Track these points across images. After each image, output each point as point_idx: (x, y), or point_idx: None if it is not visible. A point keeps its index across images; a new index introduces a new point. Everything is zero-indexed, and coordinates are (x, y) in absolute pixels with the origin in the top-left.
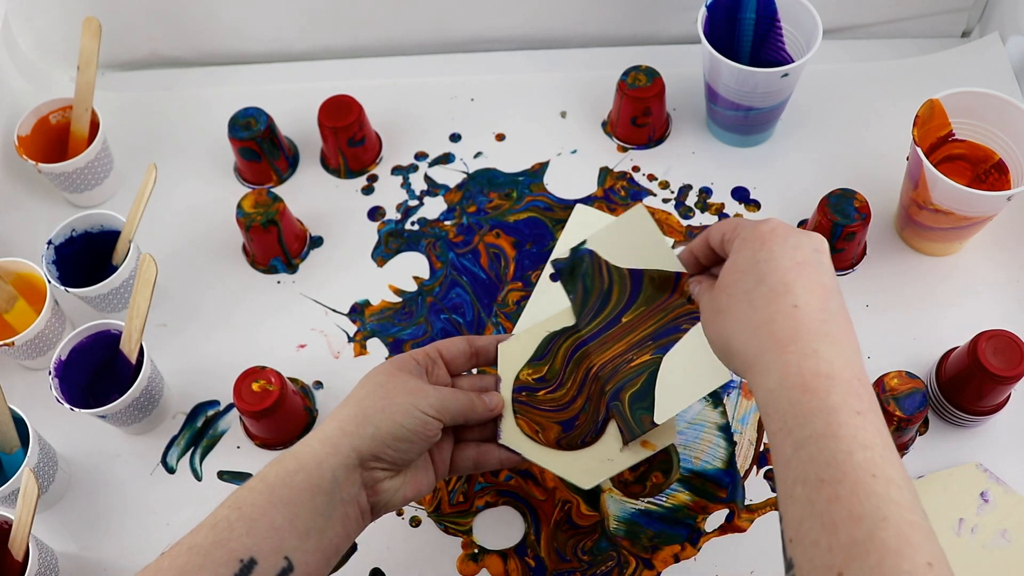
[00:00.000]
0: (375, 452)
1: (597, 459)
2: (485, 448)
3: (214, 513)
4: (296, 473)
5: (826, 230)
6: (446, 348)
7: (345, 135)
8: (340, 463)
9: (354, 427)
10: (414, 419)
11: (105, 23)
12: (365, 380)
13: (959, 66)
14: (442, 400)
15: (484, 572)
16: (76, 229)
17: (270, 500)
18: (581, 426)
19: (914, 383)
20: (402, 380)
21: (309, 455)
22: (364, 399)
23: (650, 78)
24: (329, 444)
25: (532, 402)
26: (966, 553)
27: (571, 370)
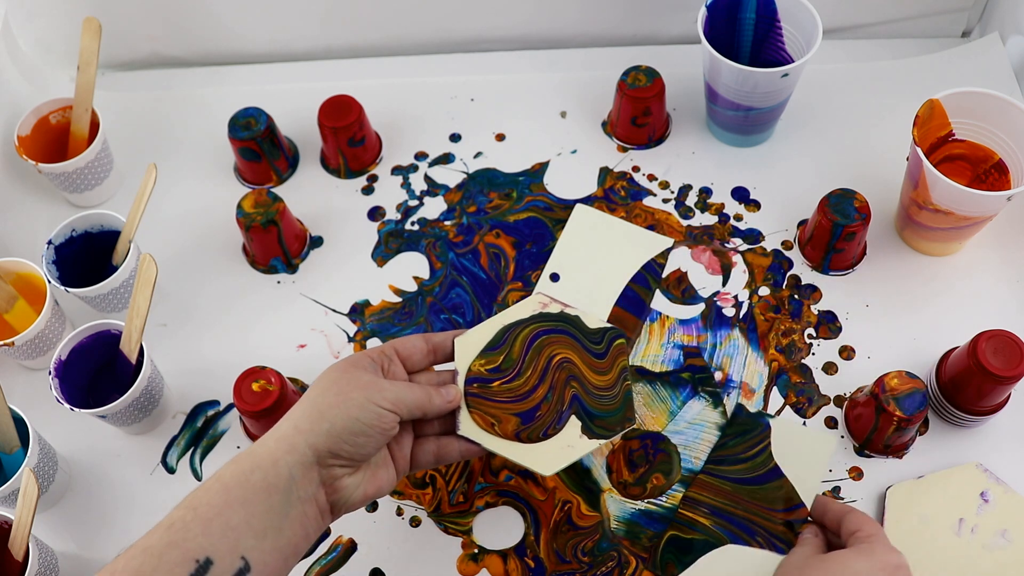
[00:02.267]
0: (332, 448)
1: (557, 446)
2: (445, 441)
3: (170, 514)
4: (252, 472)
5: (826, 230)
6: (402, 345)
7: (345, 135)
8: (296, 461)
9: (309, 424)
10: (369, 413)
11: (105, 23)
12: (319, 378)
13: (959, 66)
14: (397, 394)
15: (484, 572)
16: (76, 229)
17: (226, 500)
18: (543, 417)
19: (914, 383)
20: (356, 376)
21: (265, 454)
22: (318, 396)
23: (650, 78)
24: (285, 442)
25: (486, 394)
26: (966, 553)
27: (531, 358)
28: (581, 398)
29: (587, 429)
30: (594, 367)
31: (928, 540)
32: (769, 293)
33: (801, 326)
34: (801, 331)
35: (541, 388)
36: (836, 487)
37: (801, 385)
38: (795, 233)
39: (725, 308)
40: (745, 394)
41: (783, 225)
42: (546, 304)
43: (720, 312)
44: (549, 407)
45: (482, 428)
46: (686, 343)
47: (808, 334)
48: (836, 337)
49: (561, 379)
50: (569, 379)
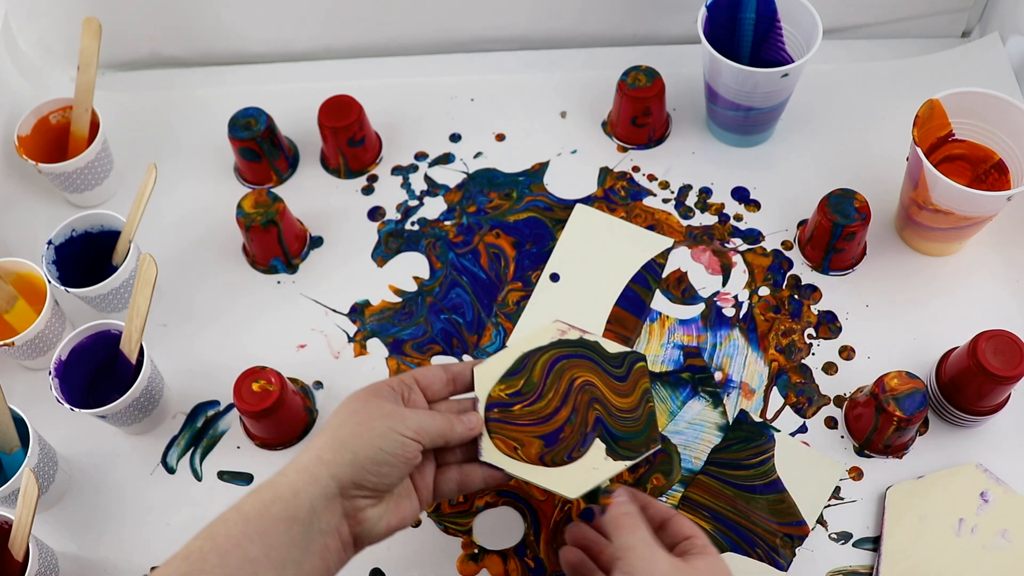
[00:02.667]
0: (355, 479)
1: (582, 468)
2: (467, 469)
3: (188, 544)
4: (272, 503)
5: (826, 230)
6: (422, 375)
7: (345, 135)
8: (318, 492)
9: (331, 454)
10: (392, 442)
11: (105, 23)
12: (339, 409)
13: (959, 66)
14: (420, 422)
15: (484, 572)
16: (76, 229)
17: (244, 531)
18: (566, 439)
19: (914, 383)
20: (377, 405)
21: (285, 485)
22: (340, 426)
23: (650, 78)
24: (306, 473)
25: (507, 418)
26: (966, 553)
27: (552, 381)
28: (604, 420)
29: (612, 451)
30: (616, 390)
31: (928, 540)
32: (769, 293)
33: (801, 326)
34: (801, 331)
35: (564, 410)
36: (836, 487)
37: (801, 385)
38: (795, 233)
39: (725, 308)
40: (745, 394)
41: (783, 225)
42: (564, 331)
43: (720, 312)
44: (572, 429)
45: (505, 453)
46: (686, 343)
47: (808, 334)
48: (836, 337)
49: (584, 401)
50: (592, 401)
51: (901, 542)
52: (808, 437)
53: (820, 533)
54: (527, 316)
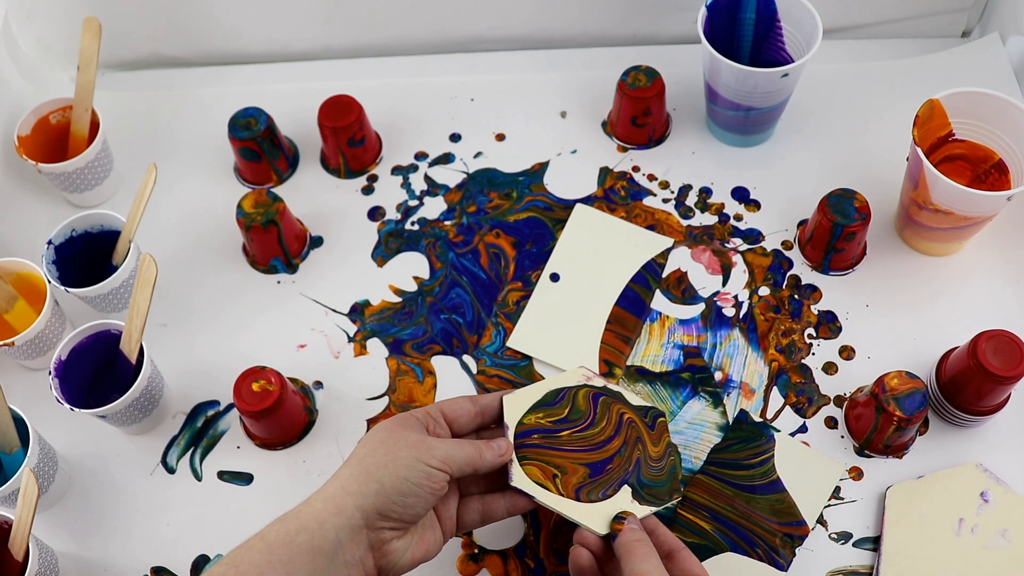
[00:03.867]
0: (381, 509)
1: (610, 508)
2: (489, 499)
3: (210, 571)
4: (297, 533)
5: (826, 230)
6: (449, 407)
7: (345, 135)
8: (344, 523)
9: (357, 485)
10: (419, 472)
11: (105, 23)
12: (366, 439)
13: (959, 66)
14: (447, 451)
15: (484, 572)
16: (76, 229)
17: (268, 560)
18: (612, 472)
19: (914, 383)
20: (403, 435)
21: (311, 515)
22: (366, 457)
23: (650, 78)
24: (332, 504)
25: (552, 444)
26: (966, 553)
27: (602, 411)
28: (641, 463)
29: (638, 495)
30: (650, 436)
31: (928, 540)
32: (769, 293)
33: (801, 326)
34: (801, 331)
35: (616, 440)
36: (837, 487)
37: (801, 385)
38: (795, 233)
39: (725, 308)
40: (745, 394)
41: (783, 225)
42: (590, 378)
43: (720, 312)
44: (620, 463)
45: (538, 481)
46: (686, 343)
47: (808, 334)
48: (836, 337)
49: (632, 437)
50: (636, 441)
51: (901, 542)
52: (808, 437)
53: (820, 533)
54: (527, 316)
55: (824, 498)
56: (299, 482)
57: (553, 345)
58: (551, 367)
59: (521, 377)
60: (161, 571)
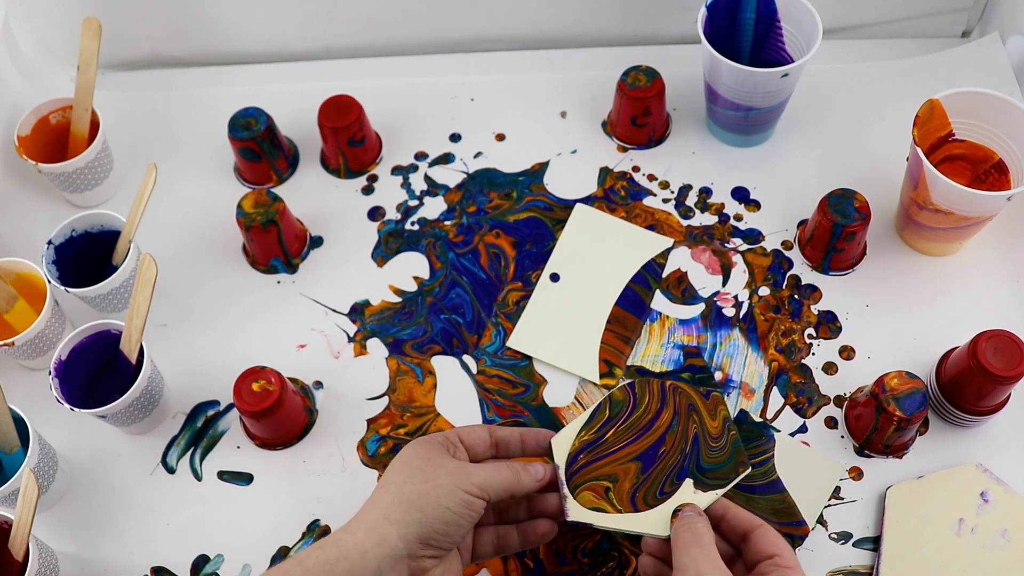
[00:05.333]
0: (423, 539)
1: (672, 508)
2: (504, 531)
3: None
4: (338, 562)
5: (826, 230)
6: (467, 435)
7: (345, 135)
8: (387, 554)
9: (400, 514)
10: (459, 500)
11: (105, 23)
12: (400, 464)
13: (959, 66)
14: (486, 477)
15: (484, 572)
16: (76, 229)
17: None
18: (667, 455)
19: (914, 383)
20: (441, 462)
21: (352, 544)
22: (405, 484)
23: (650, 78)
24: (375, 533)
25: (598, 453)
26: (966, 553)
27: (641, 390)
28: (700, 440)
29: (700, 484)
30: (705, 406)
31: (928, 540)
32: (769, 293)
33: (801, 326)
34: (801, 331)
35: (665, 413)
36: (836, 487)
37: (801, 385)
38: (795, 233)
39: (725, 308)
40: (745, 394)
41: (783, 225)
42: None
43: (720, 312)
44: (674, 441)
45: (592, 505)
46: (686, 343)
47: (808, 334)
48: (836, 337)
49: (683, 406)
50: (690, 411)
51: (901, 542)
52: (808, 437)
53: (820, 533)
54: (527, 316)
55: (824, 498)
56: (299, 482)
57: (553, 345)
58: (551, 367)
59: (521, 377)
60: (161, 571)
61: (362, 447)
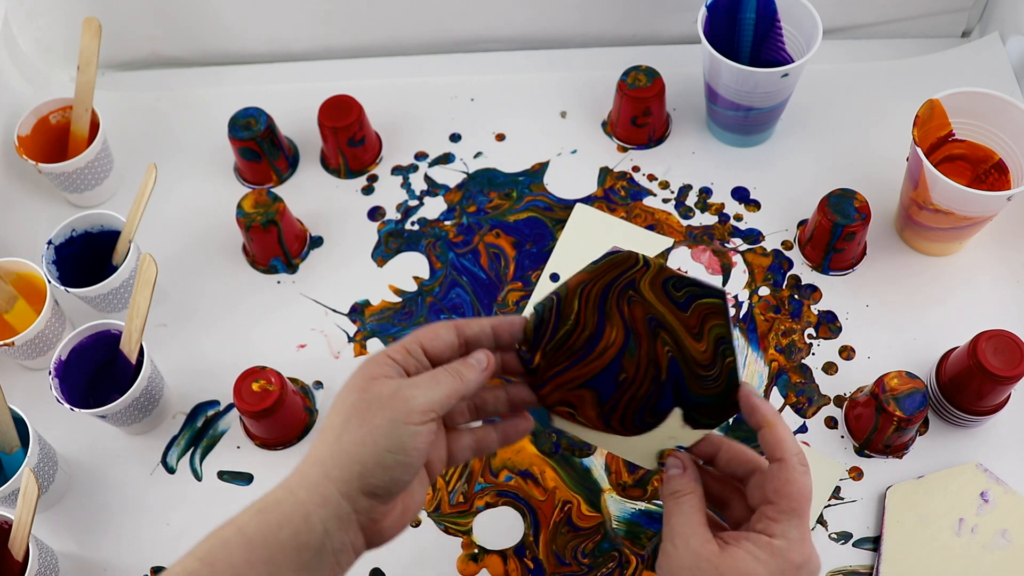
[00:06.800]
0: (367, 490)
1: (659, 439)
2: (482, 432)
3: (182, 562)
4: (280, 528)
5: (826, 230)
6: (430, 341)
7: (345, 135)
8: (331, 514)
9: (338, 470)
10: (400, 439)
11: (105, 23)
12: (339, 403)
13: (959, 66)
14: (427, 398)
15: (484, 572)
16: (76, 229)
17: (248, 558)
18: (633, 383)
19: (914, 383)
20: (376, 394)
21: (294, 507)
22: (342, 432)
23: (650, 78)
24: (317, 494)
25: (541, 380)
26: (966, 553)
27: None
28: (683, 371)
29: (690, 419)
30: (682, 321)
31: (928, 540)
32: (769, 293)
33: (801, 326)
34: (801, 331)
35: (612, 331)
36: (836, 487)
37: (801, 385)
38: (795, 233)
39: None
40: None
41: (783, 225)
42: None
43: None
44: (637, 367)
45: (567, 423)
46: None
47: (808, 334)
48: (836, 337)
49: (640, 319)
50: (654, 326)
51: (901, 542)
52: (808, 437)
53: (820, 533)
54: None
55: (824, 498)
56: None
57: None
58: None
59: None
60: (161, 571)
61: None
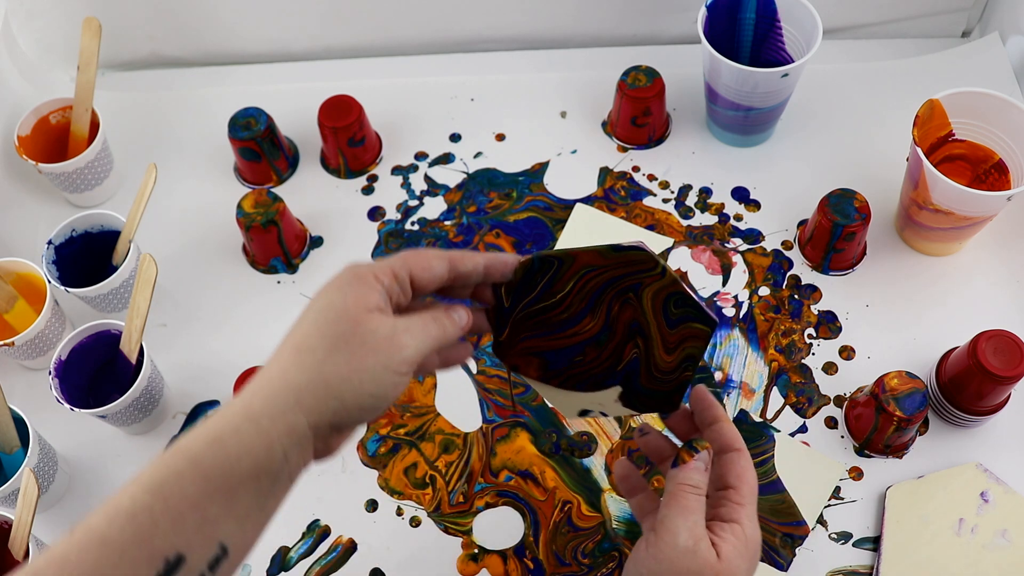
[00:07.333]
0: (336, 424)
1: (588, 401)
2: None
3: (132, 495)
4: (240, 460)
5: (826, 230)
6: (420, 274)
7: (345, 135)
8: (294, 443)
9: (314, 401)
10: (385, 385)
11: (105, 23)
12: (321, 322)
13: (959, 66)
14: (417, 346)
15: (484, 572)
16: (76, 229)
17: (205, 491)
18: (587, 367)
19: (914, 383)
20: (371, 331)
21: (256, 437)
22: (325, 361)
23: (650, 78)
24: (282, 423)
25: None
26: (966, 553)
27: (559, 276)
28: (640, 366)
29: (626, 399)
30: (662, 334)
31: (928, 540)
32: (769, 293)
33: (801, 326)
34: (801, 331)
35: (591, 322)
36: (836, 487)
37: (801, 385)
38: (795, 233)
39: (725, 308)
40: (745, 394)
41: (783, 225)
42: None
43: (720, 312)
44: (599, 357)
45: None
46: None
47: (808, 334)
48: (836, 337)
49: (624, 323)
50: (634, 331)
51: (901, 542)
52: (808, 437)
53: (820, 533)
54: None
55: (824, 498)
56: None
57: None
58: None
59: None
60: None
61: (362, 447)
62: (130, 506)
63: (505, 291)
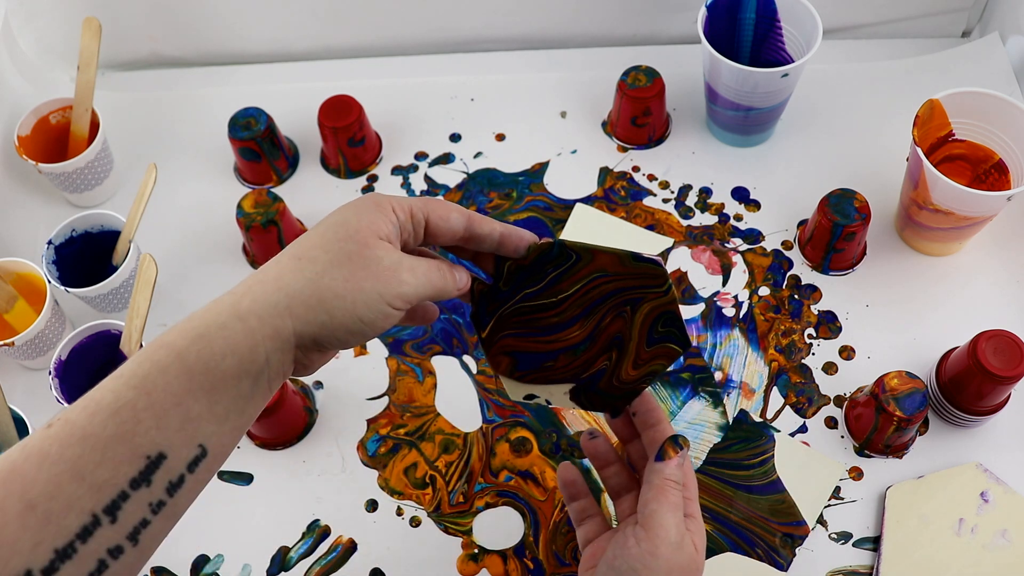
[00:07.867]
0: (320, 340)
1: (536, 387)
2: None
3: (114, 389)
4: (224, 357)
5: (826, 230)
6: (437, 222)
7: (345, 135)
8: (277, 347)
9: (304, 310)
10: (376, 313)
11: (105, 23)
12: (330, 236)
13: (959, 66)
14: (416, 287)
15: (484, 572)
16: (76, 229)
17: (188, 387)
18: (555, 371)
19: (914, 383)
20: (376, 257)
21: (243, 335)
22: (324, 273)
23: (650, 78)
24: (269, 325)
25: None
26: (966, 553)
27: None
28: (602, 376)
29: (575, 394)
30: (636, 350)
31: (928, 540)
32: (769, 293)
33: (801, 326)
34: (801, 331)
35: (578, 331)
36: (836, 487)
37: (801, 385)
38: (795, 233)
39: (725, 308)
40: (745, 394)
41: (783, 225)
42: None
43: (720, 312)
44: (569, 364)
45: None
46: None
47: (808, 334)
48: (836, 337)
49: (609, 335)
50: (613, 344)
51: (901, 542)
52: (808, 437)
53: (820, 533)
54: None
55: (824, 498)
56: (299, 482)
57: None
58: None
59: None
60: (161, 571)
61: (362, 447)
62: (112, 401)
63: (509, 269)
